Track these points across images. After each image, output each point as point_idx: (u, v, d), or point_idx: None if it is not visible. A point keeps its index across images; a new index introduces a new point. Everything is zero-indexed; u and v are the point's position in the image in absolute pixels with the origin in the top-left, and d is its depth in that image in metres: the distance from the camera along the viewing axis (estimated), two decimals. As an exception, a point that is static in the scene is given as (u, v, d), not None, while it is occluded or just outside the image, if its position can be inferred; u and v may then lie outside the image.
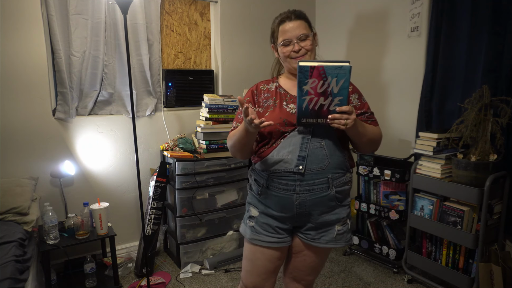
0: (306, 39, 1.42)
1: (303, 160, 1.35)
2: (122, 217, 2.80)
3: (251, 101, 1.49)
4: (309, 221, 1.43)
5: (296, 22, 1.42)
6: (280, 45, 1.44)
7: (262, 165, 1.43)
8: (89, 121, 2.63)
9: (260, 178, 1.46)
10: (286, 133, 1.39)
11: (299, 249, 1.51)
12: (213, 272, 2.64)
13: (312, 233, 1.45)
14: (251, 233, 1.48)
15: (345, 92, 1.25)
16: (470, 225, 2.14)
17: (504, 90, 2.15)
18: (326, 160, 1.36)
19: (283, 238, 1.47)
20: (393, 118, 2.92)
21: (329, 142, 1.37)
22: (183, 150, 2.76)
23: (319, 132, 1.36)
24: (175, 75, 2.91)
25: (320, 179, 1.37)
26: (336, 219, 1.43)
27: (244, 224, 1.54)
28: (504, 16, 2.14)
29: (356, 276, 2.61)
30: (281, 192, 1.40)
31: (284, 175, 1.38)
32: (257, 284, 1.54)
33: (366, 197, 2.79)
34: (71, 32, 2.44)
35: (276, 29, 1.46)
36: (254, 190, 1.50)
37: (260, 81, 1.55)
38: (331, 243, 1.45)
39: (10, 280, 1.56)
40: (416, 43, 2.66)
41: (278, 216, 1.44)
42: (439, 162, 2.25)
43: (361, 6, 3.09)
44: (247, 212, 1.53)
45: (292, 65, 1.44)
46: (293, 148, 1.36)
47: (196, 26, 3.05)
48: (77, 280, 2.42)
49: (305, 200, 1.38)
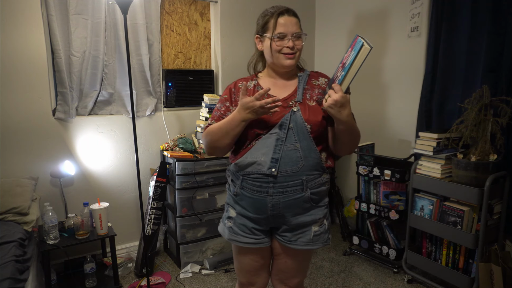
0: (299, 38, 1.39)
1: (276, 162, 1.34)
2: (122, 217, 2.80)
3: (228, 99, 1.46)
4: (284, 223, 1.42)
5: (293, 19, 1.39)
6: (274, 37, 1.37)
7: (237, 166, 1.41)
8: (89, 121, 2.63)
9: (235, 179, 1.45)
10: (261, 135, 1.38)
11: (278, 251, 1.51)
12: (213, 272, 2.64)
13: (288, 235, 1.44)
14: (229, 233, 1.49)
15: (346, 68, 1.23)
16: (470, 225, 2.14)
17: (504, 90, 2.15)
18: (300, 162, 1.35)
19: (260, 239, 1.47)
20: (393, 118, 2.92)
21: (304, 143, 1.35)
22: (183, 150, 2.76)
23: (294, 134, 1.35)
24: (175, 75, 2.91)
25: (294, 181, 1.36)
26: (311, 220, 1.42)
27: (223, 224, 1.54)
28: (504, 16, 2.14)
29: (356, 276, 2.61)
30: (255, 194, 1.39)
31: (257, 177, 1.37)
32: (249, 280, 1.57)
33: (366, 197, 2.79)
34: (71, 32, 2.44)
35: (272, 20, 1.37)
36: (231, 191, 1.49)
37: (239, 79, 1.51)
38: (308, 244, 1.43)
39: (10, 280, 1.56)
40: (416, 43, 2.67)
41: (253, 218, 1.43)
42: (439, 162, 2.25)
43: (361, 6, 3.09)
44: (225, 212, 1.53)
45: (280, 61, 1.39)
46: (266, 150, 1.35)
47: (196, 26, 3.05)
48: (77, 280, 2.42)
49: (278, 202, 1.37)
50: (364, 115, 3.15)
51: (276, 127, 1.35)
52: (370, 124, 3.10)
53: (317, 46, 3.60)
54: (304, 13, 3.50)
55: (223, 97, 1.49)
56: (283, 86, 1.44)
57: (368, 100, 3.06)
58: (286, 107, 1.38)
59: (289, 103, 1.39)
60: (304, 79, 1.45)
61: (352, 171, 3.31)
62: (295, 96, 1.41)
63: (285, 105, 1.39)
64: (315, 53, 3.61)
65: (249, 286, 1.58)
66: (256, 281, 1.56)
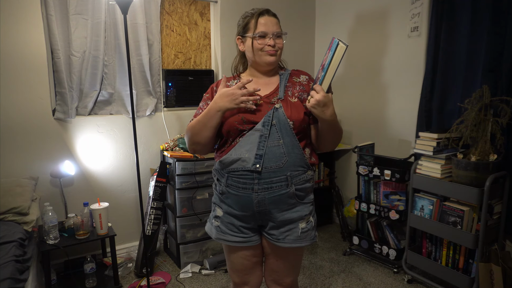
0: (280, 37, 1.44)
1: (260, 158, 1.36)
2: (122, 217, 2.80)
3: (210, 98, 1.50)
4: (270, 219, 1.43)
5: (273, 19, 1.44)
6: (256, 35, 1.42)
7: (222, 164, 1.43)
8: (89, 121, 2.63)
9: (221, 177, 1.46)
10: (245, 132, 1.39)
11: (268, 251, 1.52)
12: (213, 272, 2.64)
13: (276, 233, 1.44)
14: (216, 232, 1.49)
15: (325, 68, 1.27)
16: (470, 225, 2.14)
17: (504, 90, 2.15)
18: (284, 158, 1.37)
19: (248, 237, 1.47)
20: (393, 118, 2.92)
21: (287, 139, 1.38)
22: (183, 150, 2.76)
23: (277, 130, 1.37)
24: (175, 75, 2.91)
25: (278, 177, 1.38)
26: (298, 216, 1.43)
27: (210, 223, 1.54)
28: (504, 16, 2.14)
29: (356, 276, 2.61)
30: (240, 191, 1.40)
31: (242, 174, 1.38)
32: (242, 279, 1.57)
33: (366, 197, 2.79)
34: (71, 32, 2.44)
35: (253, 21, 1.43)
36: (217, 190, 1.50)
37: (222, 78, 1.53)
38: (296, 242, 1.44)
39: (10, 280, 1.57)
40: (416, 43, 2.67)
41: (240, 215, 1.44)
42: (439, 162, 2.25)
43: (361, 6, 3.09)
44: (212, 211, 1.54)
45: (263, 59, 1.43)
46: (250, 147, 1.37)
47: (196, 26, 3.05)
48: (77, 280, 2.42)
49: (264, 198, 1.39)
50: (364, 115, 3.15)
51: (259, 124, 1.38)
52: (370, 124, 3.10)
53: (317, 46, 3.60)
54: (304, 13, 3.50)
55: (205, 96, 1.52)
56: (265, 84, 1.48)
57: (368, 100, 3.05)
58: (268, 104, 1.41)
59: (271, 100, 1.42)
60: (285, 77, 1.49)
61: (352, 171, 3.31)
62: (277, 93, 1.44)
63: (267, 102, 1.42)
64: (315, 53, 3.62)
65: (242, 286, 1.58)
66: (249, 280, 1.56)
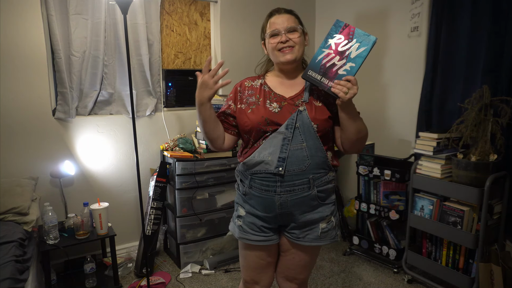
0: (294, 31, 1.40)
1: (283, 161, 1.35)
2: (122, 217, 2.80)
3: (232, 98, 1.50)
4: (292, 220, 1.44)
5: (285, 15, 1.42)
6: (268, 36, 1.42)
7: (245, 165, 1.44)
8: (89, 121, 2.63)
9: (244, 179, 1.47)
10: (268, 133, 1.39)
11: (286, 248, 1.52)
12: (213, 272, 2.64)
13: (297, 232, 1.46)
14: (239, 232, 1.51)
15: (359, 61, 1.30)
16: (470, 225, 2.14)
17: (504, 90, 2.15)
18: (307, 161, 1.37)
19: (269, 236, 1.48)
20: (393, 118, 2.92)
21: (310, 142, 1.37)
22: (183, 150, 2.76)
23: (300, 133, 1.37)
24: (175, 75, 2.91)
25: (301, 180, 1.38)
26: (319, 217, 1.44)
27: (233, 223, 1.56)
28: (504, 16, 2.14)
29: (356, 276, 2.61)
30: (263, 193, 1.41)
31: (265, 176, 1.39)
32: (254, 278, 1.57)
33: (366, 197, 2.79)
34: (71, 32, 2.44)
35: (265, 23, 1.45)
36: (240, 190, 1.51)
37: (247, 77, 1.54)
38: (316, 241, 1.45)
39: (10, 280, 1.57)
40: (416, 43, 2.67)
41: (262, 216, 1.45)
42: (439, 162, 2.25)
43: (361, 6, 3.09)
44: (235, 211, 1.55)
45: (279, 59, 1.42)
46: (273, 150, 1.37)
47: (196, 26, 3.05)
48: (77, 280, 2.42)
49: (286, 201, 1.39)
50: (364, 115, 3.13)
51: (282, 126, 1.37)
52: (370, 124, 3.06)
53: (317, 46, 3.59)
54: (304, 13, 3.50)
55: (229, 96, 1.53)
56: (290, 85, 1.46)
57: (368, 100, 3.05)
58: (293, 106, 1.40)
59: (295, 102, 1.41)
60: None
61: (352, 171, 3.31)
62: (301, 96, 1.43)
63: (291, 104, 1.40)
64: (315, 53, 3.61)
65: (253, 285, 1.59)
66: (261, 279, 1.57)
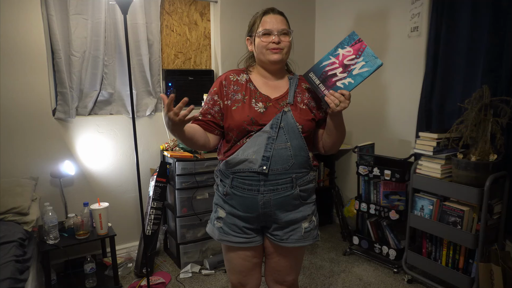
0: (286, 35, 1.41)
1: (267, 160, 1.35)
2: (122, 217, 2.80)
3: (217, 92, 1.45)
4: (275, 221, 1.44)
5: (278, 16, 1.42)
6: (259, 34, 1.40)
7: (227, 164, 1.42)
8: (89, 121, 2.63)
9: (225, 178, 1.45)
10: (252, 132, 1.38)
11: (271, 251, 1.52)
12: (213, 272, 2.64)
13: (280, 234, 1.45)
14: (219, 234, 1.48)
15: (359, 79, 1.34)
16: (470, 225, 2.14)
17: (504, 90, 2.15)
18: (291, 160, 1.37)
19: (251, 238, 1.47)
20: (393, 118, 2.92)
21: (295, 142, 1.38)
22: (183, 150, 2.76)
23: (284, 133, 1.37)
24: (175, 75, 2.91)
25: (284, 179, 1.38)
26: (301, 216, 1.44)
27: (212, 225, 1.53)
28: (504, 16, 2.14)
29: (356, 276, 2.61)
30: (246, 192, 1.40)
31: (248, 175, 1.38)
32: (241, 281, 1.55)
33: (366, 197, 2.79)
34: (71, 32, 2.44)
35: (257, 20, 1.43)
36: (220, 191, 1.49)
37: (230, 70, 1.51)
38: (300, 241, 1.45)
39: (10, 280, 1.57)
40: (416, 43, 2.66)
41: (244, 216, 1.44)
42: (439, 162, 2.25)
43: (361, 6, 3.09)
44: (214, 213, 1.52)
45: (267, 57, 1.41)
46: (258, 148, 1.36)
47: (196, 26, 3.05)
48: (77, 280, 2.42)
49: (269, 200, 1.39)
50: (364, 115, 3.15)
51: (267, 125, 1.38)
52: (370, 124, 3.10)
53: (317, 46, 3.60)
54: (304, 13, 3.50)
55: (213, 90, 1.48)
56: (275, 86, 1.47)
57: (368, 100, 3.05)
58: (277, 107, 1.41)
59: (280, 103, 1.42)
60: (295, 82, 1.48)
61: (352, 171, 3.31)
62: (286, 97, 1.44)
63: (276, 105, 1.41)
64: (315, 53, 3.61)
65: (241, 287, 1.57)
66: (248, 282, 1.55)
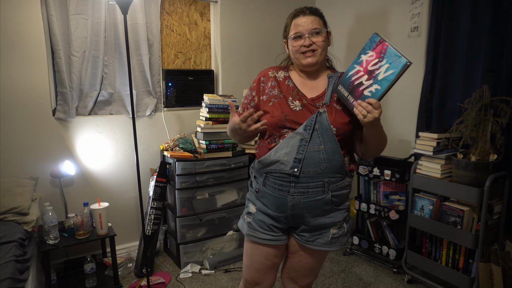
0: (318, 34, 1.38)
1: (299, 162, 1.34)
2: (122, 217, 2.80)
3: (255, 88, 1.48)
4: (303, 223, 1.43)
5: (310, 17, 1.39)
6: (291, 38, 1.41)
7: (260, 163, 1.44)
8: (89, 121, 2.63)
9: (258, 176, 1.47)
10: (285, 130, 1.38)
11: (294, 249, 1.51)
12: (213, 272, 2.64)
13: (307, 235, 1.45)
14: (247, 229, 1.49)
15: (385, 84, 1.22)
16: (470, 225, 2.14)
17: (504, 90, 2.15)
18: (323, 164, 1.35)
19: (278, 236, 1.47)
20: (393, 118, 2.92)
21: (328, 145, 1.35)
22: (183, 150, 2.76)
23: (318, 135, 1.35)
24: (175, 75, 2.91)
25: (316, 183, 1.36)
26: (331, 222, 1.42)
27: (242, 220, 1.55)
28: (504, 16, 2.14)
29: (356, 276, 2.61)
30: (276, 192, 1.40)
31: (279, 176, 1.38)
32: (256, 279, 1.55)
33: (366, 197, 2.79)
34: (71, 32, 2.44)
35: (289, 23, 1.43)
36: (253, 187, 1.51)
37: (270, 67, 1.51)
38: (326, 246, 1.44)
39: (10, 280, 1.56)
40: (416, 43, 2.66)
41: (273, 215, 1.44)
42: (439, 162, 2.25)
43: (361, 6, 3.09)
44: (246, 207, 1.54)
45: (301, 61, 1.41)
46: (290, 150, 1.35)
47: (196, 26, 3.05)
48: (77, 280, 2.42)
49: (298, 202, 1.38)
50: (364, 115, 3.15)
51: (300, 127, 1.36)
52: (370, 124, 3.09)
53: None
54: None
55: (252, 85, 1.51)
56: (312, 87, 1.45)
57: (368, 100, 3.05)
58: (313, 108, 1.38)
59: (316, 104, 1.39)
60: (333, 81, 1.44)
61: (352, 171, 3.31)
62: (323, 98, 1.41)
63: (311, 106, 1.39)
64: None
65: (254, 286, 1.56)
66: (263, 281, 1.55)
